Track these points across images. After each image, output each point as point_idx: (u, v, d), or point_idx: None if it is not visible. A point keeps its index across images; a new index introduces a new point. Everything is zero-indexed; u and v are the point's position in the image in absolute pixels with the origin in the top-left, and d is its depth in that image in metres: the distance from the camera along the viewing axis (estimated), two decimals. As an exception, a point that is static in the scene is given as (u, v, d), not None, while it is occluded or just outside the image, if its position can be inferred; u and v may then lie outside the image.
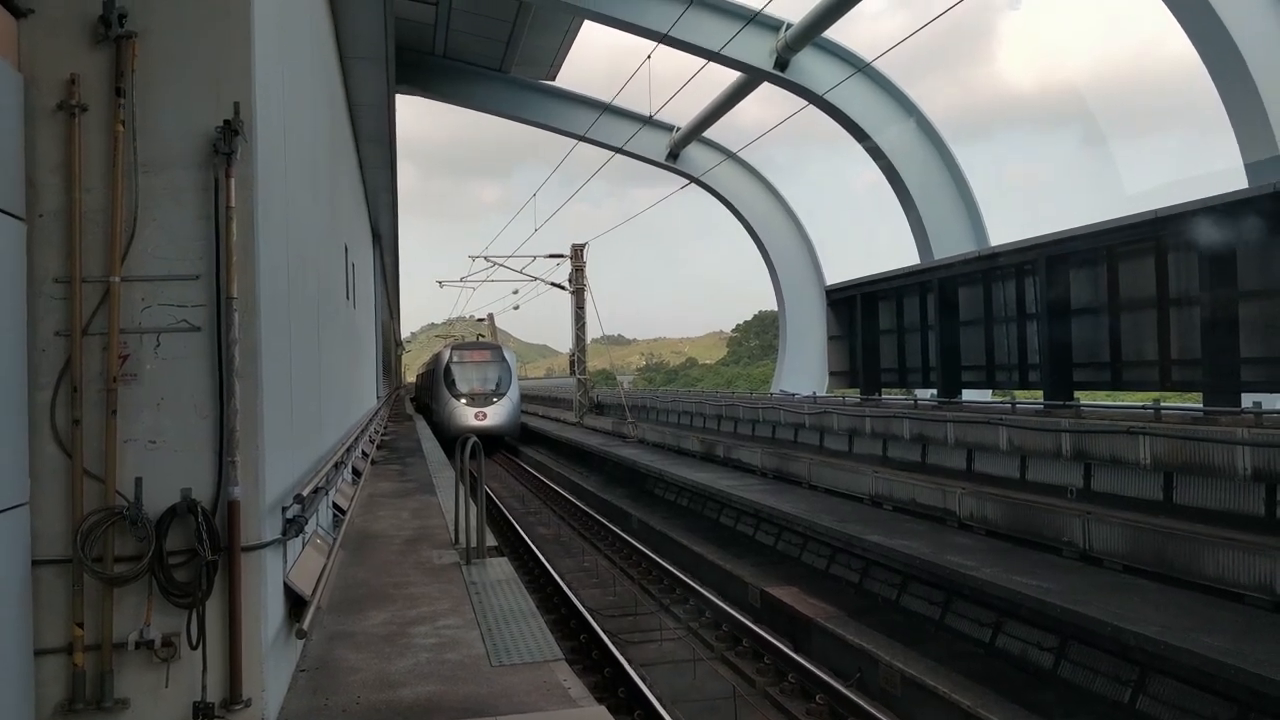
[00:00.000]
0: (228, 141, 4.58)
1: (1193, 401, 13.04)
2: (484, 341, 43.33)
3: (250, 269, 4.72)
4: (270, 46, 5.37)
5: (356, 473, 13.07)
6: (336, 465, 8.74)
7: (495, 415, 33.47)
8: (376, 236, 24.84)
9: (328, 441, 9.02)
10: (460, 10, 23.54)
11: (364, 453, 15.26)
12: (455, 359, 34.96)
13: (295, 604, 5.56)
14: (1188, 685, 6.97)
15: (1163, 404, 11.89)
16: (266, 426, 4.83)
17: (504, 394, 34.03)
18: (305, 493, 5.81)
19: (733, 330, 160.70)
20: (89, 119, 4.51)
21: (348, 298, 13.18)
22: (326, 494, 7.88)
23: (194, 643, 4.45)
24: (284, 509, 5.39)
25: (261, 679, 4.65)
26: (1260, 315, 11.27)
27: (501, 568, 8.60)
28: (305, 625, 5.27)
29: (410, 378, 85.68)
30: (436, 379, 35.90)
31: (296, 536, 5.67)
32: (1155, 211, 12.45)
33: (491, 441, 33.59)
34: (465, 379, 34.08)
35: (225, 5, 4.72)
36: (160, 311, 4.59)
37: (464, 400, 33.45)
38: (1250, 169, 15.15)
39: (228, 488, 4.54)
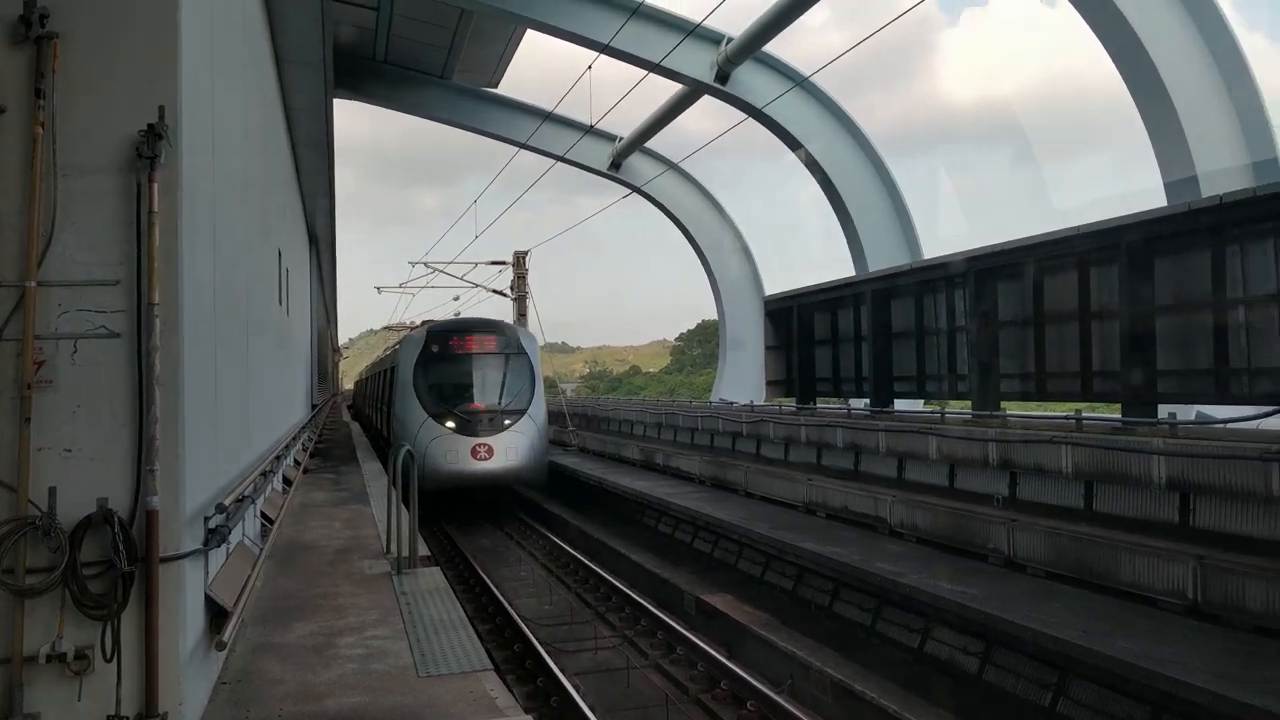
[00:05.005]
0: (151, 145, 4.52)
1: (1113, 412, 13.44)
2: (483, 319, 22.88)
3: (173, 275, 4.65)
4: (199, 50, 5.31)
5: (288, 481, 12.86)
6: (265, 474, 8.60)
7: (508, 451, 18.95)
8: (313, 241, 24.47)
9: (256, 450, 8.87)
10: (401, 16, 23.36)
11: (296, 461, 15.02)
12: (434, 350, 19.86)
13: (217, 615, 5.48)
14: (1105, 688, 7.21)
15: (1084, 414, 12.24)
16: (188, 435, 4.76)
17: (523, 411, 19.55)
18: (229, 502, 5.73)
19: (676, 339, 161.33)
20: (7, 121, 4.42)
21: (280, 303, 12.96)
22: (254, 503, 7.75)
23: (108, 655, 4.37)
24: (206, 519, 5.30)
25: (179, 692, 4.58)
26: (1175, 329, 11.68)
27: (433, 577, 8.54)
28: (226, 637, 5.20)
29: (348, 385, 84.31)
30: (399, 385, 19.99)
31: (219, 546, 5.59)
32: (1079, 227, 12.85)
33: (498, 492, 20.83)
34: (452, 386, 19.73)
35: (151, 7, 4.66)
36: (78, 317, 4.50)
37: (451, 424, 18.90)
38: (1169, 188, 15.71)
39: (146, 497, 4.47)
